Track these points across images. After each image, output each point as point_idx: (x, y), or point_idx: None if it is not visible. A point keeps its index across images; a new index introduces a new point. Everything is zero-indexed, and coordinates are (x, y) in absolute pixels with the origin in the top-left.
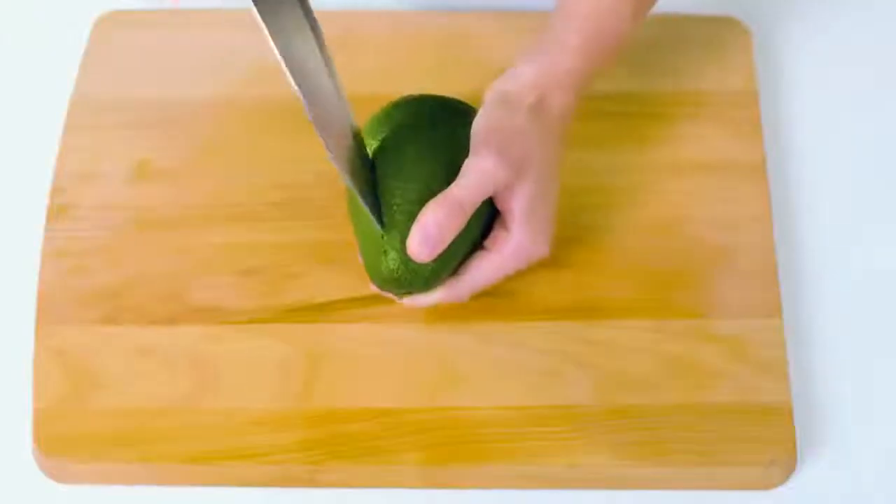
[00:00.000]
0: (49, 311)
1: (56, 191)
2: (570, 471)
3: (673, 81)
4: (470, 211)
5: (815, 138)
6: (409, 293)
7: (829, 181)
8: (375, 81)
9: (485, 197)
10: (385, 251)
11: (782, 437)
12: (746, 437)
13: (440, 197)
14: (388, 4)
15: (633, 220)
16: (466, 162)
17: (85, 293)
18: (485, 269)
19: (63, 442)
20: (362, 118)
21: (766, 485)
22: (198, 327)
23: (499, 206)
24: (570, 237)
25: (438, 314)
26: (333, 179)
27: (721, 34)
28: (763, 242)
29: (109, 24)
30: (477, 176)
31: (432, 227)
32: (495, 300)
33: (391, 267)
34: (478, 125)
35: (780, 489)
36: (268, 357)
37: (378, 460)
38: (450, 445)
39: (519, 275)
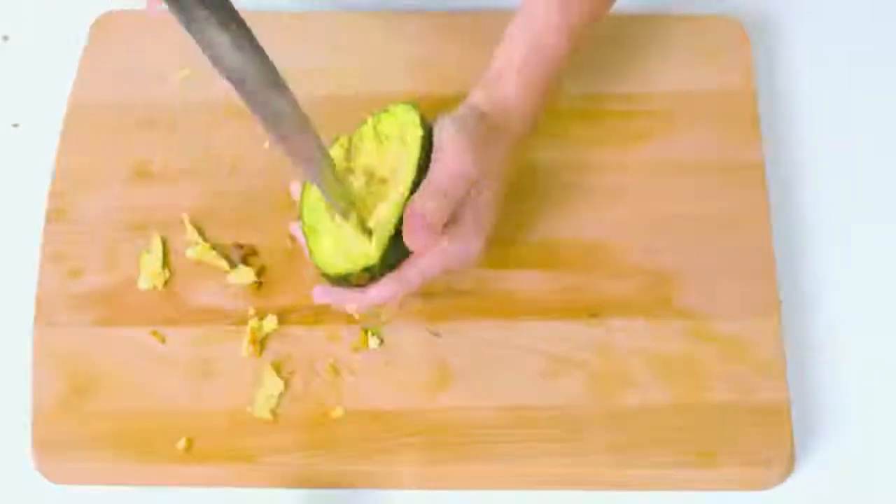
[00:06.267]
0: (47, 313)
1: (54, 193)
2: (567, 471)
3: (672, 81)
4: (454, 201)
5: (813, 138)
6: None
7: (827, 180)
8: (367, 81)
9: (463, 192)
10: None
11: (780, 437)
12: (744, 438)
13: (427, 190)
14: (386, 4)
15: (631, 220)
16: (443, 158)
17: (83, 295)
18: (433, 261)
19: (61, 443)
20: (354, 120)
21: (765, 484)
22: (196, 328)
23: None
24: (568, 237)
25: (436, 315)
26: None
27: (720, 34)
28: (762, 242)
29: (109, 24)
30: (457, 171)
31: (424, 217)
32: (492, 301)
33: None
34: (457, 131)
35: (778, 489)
36: (266, 358)
37: (376, 461)
38: (447, 446)
39: (516, 275)
